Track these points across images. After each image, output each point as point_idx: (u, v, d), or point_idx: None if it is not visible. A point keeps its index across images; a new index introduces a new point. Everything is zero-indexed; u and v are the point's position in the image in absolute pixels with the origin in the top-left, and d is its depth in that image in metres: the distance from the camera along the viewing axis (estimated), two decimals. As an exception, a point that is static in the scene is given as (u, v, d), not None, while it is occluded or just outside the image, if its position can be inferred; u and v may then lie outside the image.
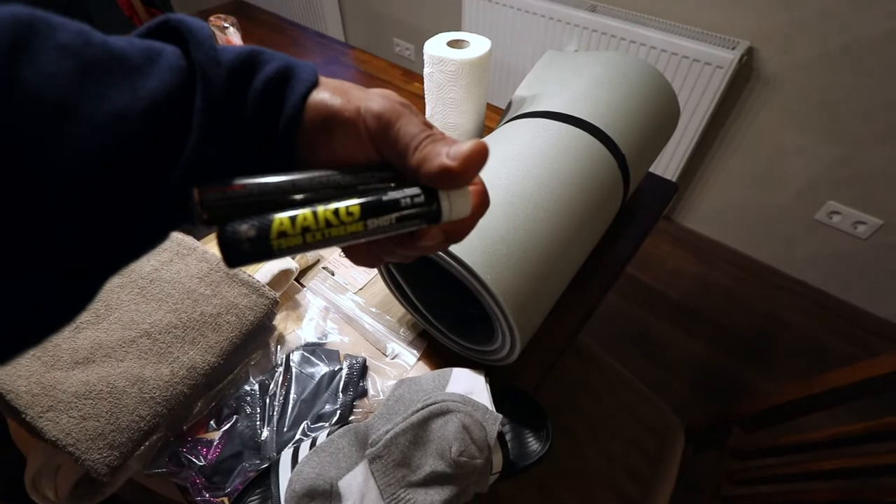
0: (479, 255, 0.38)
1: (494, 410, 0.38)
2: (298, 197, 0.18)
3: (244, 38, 0.88)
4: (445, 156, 0.19)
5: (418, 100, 0.92)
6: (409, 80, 0.99)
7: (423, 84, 0.60)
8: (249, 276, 0.46)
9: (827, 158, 1.22)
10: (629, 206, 0.68)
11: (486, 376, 0.43)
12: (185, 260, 0.46)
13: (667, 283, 1.52)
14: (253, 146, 0.19)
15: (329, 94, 0.20)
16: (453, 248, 0.38)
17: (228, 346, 0.43)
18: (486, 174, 0.45)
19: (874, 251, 1.28)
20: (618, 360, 0.84)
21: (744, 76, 1.21)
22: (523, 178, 0.44)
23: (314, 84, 0.20)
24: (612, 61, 0.61)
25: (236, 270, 0.46)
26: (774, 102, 1.22)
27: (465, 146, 0.19)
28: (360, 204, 0.18)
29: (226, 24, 0.79)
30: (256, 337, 0.46)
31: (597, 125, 0.52)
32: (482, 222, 0.41)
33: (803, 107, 1.19)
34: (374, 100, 0.20)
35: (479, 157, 0.19)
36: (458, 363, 0.51)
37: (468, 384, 0.41)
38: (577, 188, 0.47)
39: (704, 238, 1.62)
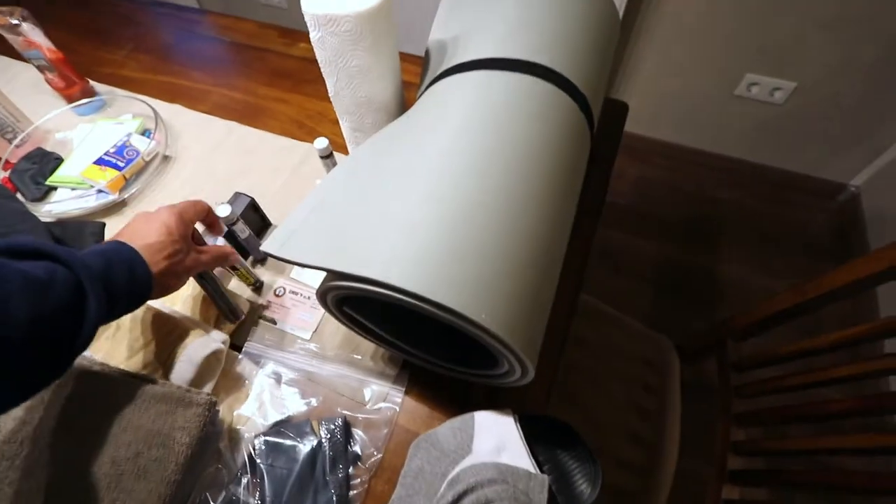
0: (461, 291, 0.29)
1: (535, 467, 0.31)
2: None
3: (58, 28, 0.65)
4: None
5: (311, 65, 0.75)
6: (290, 41, 0.80)
7: (310, 44, 0.46)
8: (164, 384, 0.34)
9: (740, 31, 1.20)
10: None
11: (514, 415, 0.35)
12: (63, 394, 0.32)
13: (611, 192, 1.51)
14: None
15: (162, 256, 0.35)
16: (427, 293, 0.28)
17: (166, 489, 0.32)
18: (433, 173, 0.34)
19: (792, 113, 1.32)
20: (588, 287, 0.81)
21: (649, -42, 1.12)
22: (483, 167, 0.34)
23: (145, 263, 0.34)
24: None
25: (143, 385, 0.33)
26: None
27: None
28: None
29: (14, 21, 0.57)
30: (200, 456, 0.36)
31: (547, 65, 0.41)
32: (452, 242, 0.32)
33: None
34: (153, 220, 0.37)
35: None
36: (454, 390, 0.44)
37: (497, 437, 0.33)
38: (549, 156, 0.37)
39: (636, 136, 1.60)
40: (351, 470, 0.40)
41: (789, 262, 1.32)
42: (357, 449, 0.41)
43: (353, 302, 0.38)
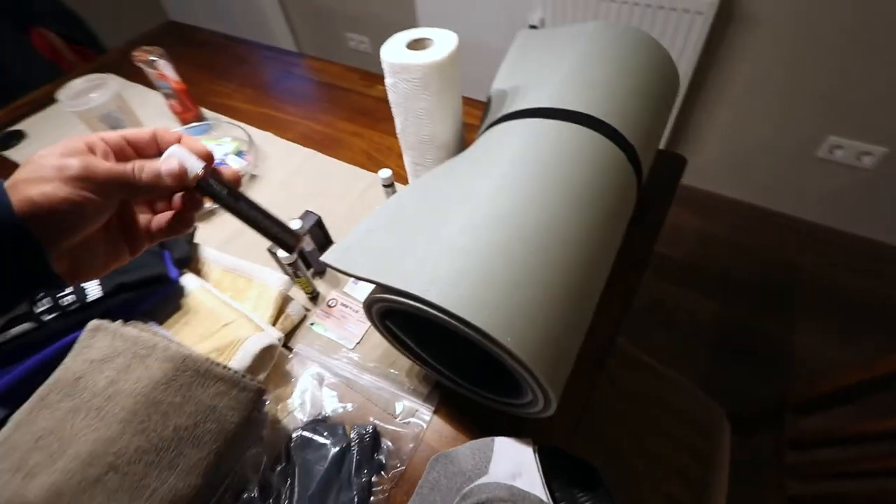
0: (493, 314, 0.31)
1: (549, 498, 0.32)
2: None
3: (185, 64, 0.79)
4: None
5: (386, 104, 0.83)
6: (369, 83, 0.90)
7: (386, 88, 0.52)
8: (224, 367, 0.39)
9: (823, 91, 1.16)
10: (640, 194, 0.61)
11: (534, 448, 0.36)
12: (145, 363, 0.38)
13: (669, 244, 1.46)
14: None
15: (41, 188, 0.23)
16: (460, 312, 0.31)
17: (214, 459, 0.36)
18: (480, 206, 0.37)
19: (883, 180, 1.23)
20: (634, 334, 0.78)
21: (724, 19, 1.13)
22: (526, 204, 0.37)
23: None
24: (594, 36, 0.53)
25: (208, 365, 0.38)
26: (759, 42, 1.14)
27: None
28: None
29: (153, 57, 0.70)
30: (246, 437, 0.40)
31: (597, 116, 0.44)
32: (490, 269, 0.34)
33: (790, 41, 1.11)
34: (64, 170, 0.24)
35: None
36: (481, 415, 0.45)
37: (515, 463, 0.35)
38: (590, 200, 0.40)
39: (702, 191, 1.55)
40: (374, 478, 0.42)
41: (875, 338, 1.19)
42: (382, 458, 0.44)
43: (395, 317, 0.42)
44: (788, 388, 1.11)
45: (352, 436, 0.43)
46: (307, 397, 0.46)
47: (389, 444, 0.44)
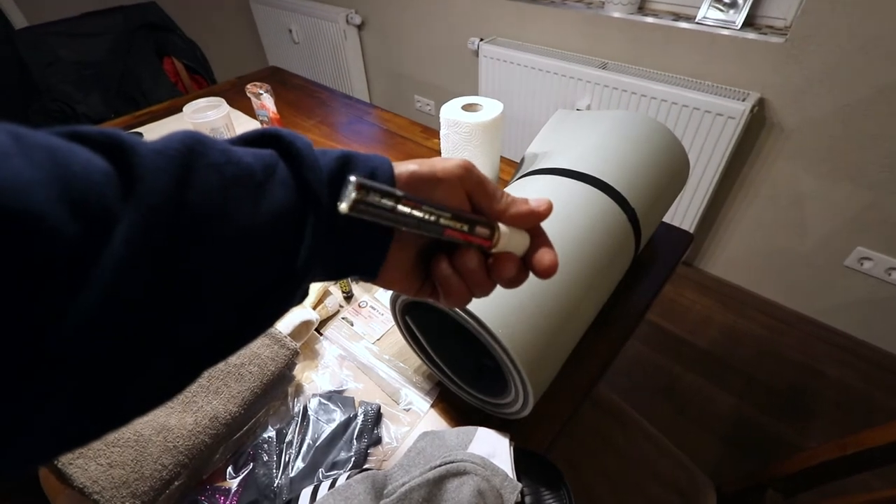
0: (492, 310, 0.40)
1: (515, 478, 0.38)
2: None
3: (278, 101, 0.96)
4: (530, 204, 0.25)
5: (436, 154, 0.97)
6: (427, 136, 1.04)
7: (440, 140, 0.64)
8: (272, 327, 0.48)
9: (852, 204, 1.21)
10: (645, 257, 0.69)
11: (511, 440, 0.43)
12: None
13: (693, 332, 1.47)
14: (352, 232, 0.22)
15: (413, 164, 0.23)
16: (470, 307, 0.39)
17: (250, 395, 0.44)
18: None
19: (912, 299, 1.23)
20: (644, 413, 0.81)
21: (757, 125, 1.23)
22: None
23: (392, 169, 0.23)
24: (619, 119, 0.64)
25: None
26: (790, 150, 1.23)
27: (544, 200, 0.25)
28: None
29: (261, 91, 0.87)
30: (276, 386, 0.48)
31: (605, 180, 0.54)
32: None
33: (821, 153, 1.19)
34: (451, 160, 0.24)
35: (550, 209, 0.25)
36: (470, 414, 0.52)
37: (491, 446, 0.41)
38: (588, 241, 0.48)
39: (731, 285, 1.58)
40: (371, 448, 0.49)
41: (899, 464, 1.13)
42: (381, 434, 0.50)
43: (414, 313, 0.50)
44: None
45: (359, 409, 0.51)
46: (328, 372, 0.54)
47: (389, 423, 0.51)
